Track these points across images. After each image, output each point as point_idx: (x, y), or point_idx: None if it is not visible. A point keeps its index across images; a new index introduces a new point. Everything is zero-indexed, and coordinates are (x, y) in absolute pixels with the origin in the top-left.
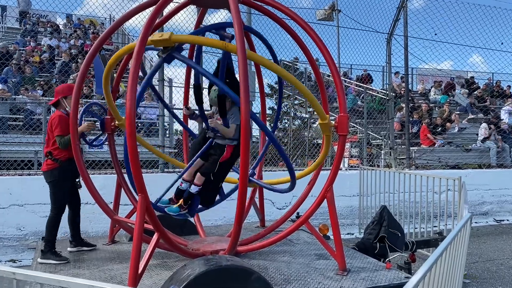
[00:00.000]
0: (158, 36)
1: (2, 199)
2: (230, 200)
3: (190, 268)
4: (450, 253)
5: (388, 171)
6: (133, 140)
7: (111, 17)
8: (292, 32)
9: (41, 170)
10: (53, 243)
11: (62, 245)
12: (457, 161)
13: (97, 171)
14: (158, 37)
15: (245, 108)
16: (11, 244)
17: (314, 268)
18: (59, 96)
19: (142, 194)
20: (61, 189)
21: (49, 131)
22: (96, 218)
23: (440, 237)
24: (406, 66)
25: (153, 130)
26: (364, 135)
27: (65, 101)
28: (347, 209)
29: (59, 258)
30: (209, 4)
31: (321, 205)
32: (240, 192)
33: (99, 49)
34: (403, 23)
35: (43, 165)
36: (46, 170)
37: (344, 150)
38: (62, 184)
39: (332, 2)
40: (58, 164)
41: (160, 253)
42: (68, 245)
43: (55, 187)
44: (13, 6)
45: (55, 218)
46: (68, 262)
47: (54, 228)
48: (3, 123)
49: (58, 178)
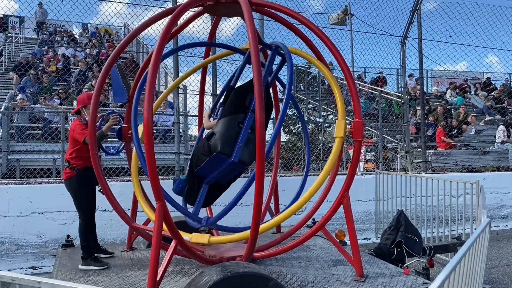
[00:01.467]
0: None
1: (22, 207)
2: (246, 206)
3: (208, 275)
4: (470, 258)
5: (405, 175)
6: (151, 150)
7: (126, 26)
8: (304, 37)
9: (62, 179)
10: (90, 248)
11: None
12: (475, 164)
13: (114, 178)
14: None
15: (260, 114)
16: (32, 251)
17: (331, 274)
18: (79, 106)
19: (160, 201)
20: (81, 196)
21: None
22: (114, 225)
23: (458, 242)
24: (421, 69)
25: (168, 137)
26: (380, 138)
27: (84, 110)
28: (364, 214)
29: (99, 264)
30: (223, 12)
31: (337, 210)
32: (256, 198)
33: (116, 59)
34: (417, 26)
35: (63, 174)
36: (65, 179)
37: (360, 155)
38: (82, 191)
39: (345, 7)
40: (75, 172)
41: (178, 260)
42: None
43: (76, 195)
44: (31, 17)
45: (84, 224)
46: (108, 267)
47: (87, 233)
48: (22, 132)
49: (77, 186)
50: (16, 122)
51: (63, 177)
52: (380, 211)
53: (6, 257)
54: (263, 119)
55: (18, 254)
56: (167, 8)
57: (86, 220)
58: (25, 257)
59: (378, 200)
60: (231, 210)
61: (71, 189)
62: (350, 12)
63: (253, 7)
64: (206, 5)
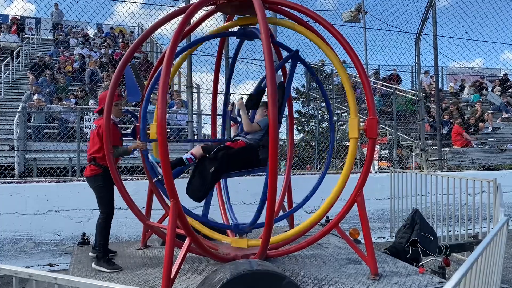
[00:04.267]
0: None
1: (39, 205)
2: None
3: (222, 272)
4: (486, 257)
5: (420, 173)
6: (164, 148)
7: (140, 26)
8: (318, 35)
9: (84, 176)
10: (106, 247)
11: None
12: (492, 162)
13: (129, 177)
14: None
15: (273, 111)
16: (49, 249)
17: (345, 273)
18: (102, 104)
19: (174, 200)
20: (107, 193)
21: (96, 135)
22: (129, 223)
23: (475, 240)
24: (436, 66)
25: (182, 136)
26: (394, 136)
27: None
28: (378, 212)
29: (111, 267)
30: (235, 11)
31: (351, 208)
32: (269, 196)
33: (131, 58)
34: (432, 22)
35: (86, 170)
36: (89, 176)
37: (374, 153)
38: (106, 188)
39: (358, 4)
40: (101, 169)
41: (192, 258)
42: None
43: (100, 192)
44: (47, 18)
45: (105, 222)
46: (121, 270)
47: (105, 231)
48: (39, 132)
49: (103, 183)
50: (33, 121)
51: (85, 174)
52: (395, 210)
53: (23, 255)
54: (276, 118)
55: (35, 252)
56: (180, 7)
57: (107, 218)
58: (42, 255)
59: (393, 198)
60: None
61: (96, 186)
62: (363, 9)
63: (266, 5)
64: (219, 4)
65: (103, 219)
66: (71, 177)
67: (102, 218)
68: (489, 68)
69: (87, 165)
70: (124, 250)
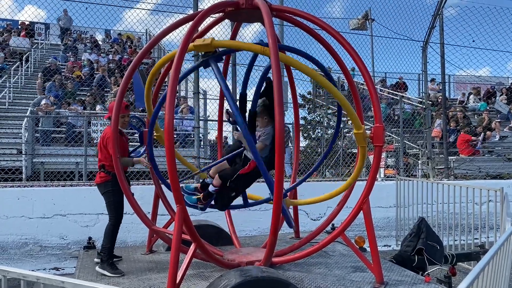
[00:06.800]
0: (201, 41)
1: (46, 209)
2: (264, 211)
3: (227, 279)
4: (493, 267)
5: (426, 182)
6: (171, 153)
7: (147, 32)
8: (324, 42)
9: (95, 183)
10: (112, 251)
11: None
12: (499, 171)
13: (135, 182)
14: (201, 42)
15: (280, 118)
16: (55, 253)
17: (350, 281)
18: (111, 113)
19: (180, 205)
20: (116, 199)
21: (101, 145)
22: (135, 228)
23: (482, 250)
24: (443, 74)
25: (188, 142)
26: (400, 144)
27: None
28: (384, 220)
29: (114, 271)
30: (243, 18)
31: (357, 216)
32: (275, 203)
33: (139, 64)
34: (439, 31)
35: (96, 178)
36: (100, 183)
37: (380, 161)
38: (117, 195)
39: (365, 11)
40: (110, 176)
41: (197, 263)
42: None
43: (110, 198)
44: (56, 24)
45: (114, 227)
46: (123, 275)
47: (113, 236)
48: (47, 136)
49: (112, 189)
50: (41, 126)
51: (96, 181)
52: (401, 218)
53: (30, 258)
54: (283, 126)
55: (42, 255)
56: (189, 14)
57: (116, 223)
58: (48, 258)
59: (399, 206)
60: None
61: (106, 192)
62: (370, 17)
63: (274, 13)
64: (227, 11)
65: (111, 224)
66: (78, 182)
67: (110, 224)
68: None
69: (96, 171)
70: (130, 255)
